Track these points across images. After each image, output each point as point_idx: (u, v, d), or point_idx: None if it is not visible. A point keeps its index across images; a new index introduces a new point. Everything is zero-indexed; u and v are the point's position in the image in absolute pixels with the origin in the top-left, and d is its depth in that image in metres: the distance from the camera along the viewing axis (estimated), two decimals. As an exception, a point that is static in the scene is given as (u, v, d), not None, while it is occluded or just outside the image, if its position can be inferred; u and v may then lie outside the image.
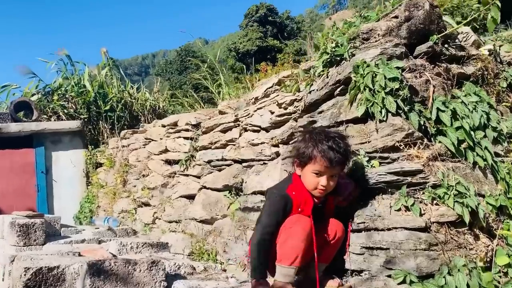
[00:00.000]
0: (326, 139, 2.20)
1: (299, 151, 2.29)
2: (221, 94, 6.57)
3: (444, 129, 2.45)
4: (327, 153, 2.17)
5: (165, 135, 5.38)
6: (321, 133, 2.25)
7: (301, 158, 2.27)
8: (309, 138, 2.25)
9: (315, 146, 2.20)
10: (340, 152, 2.18)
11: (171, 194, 4.87)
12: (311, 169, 2.24)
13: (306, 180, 2.29)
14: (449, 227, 2.23)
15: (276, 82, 3.79)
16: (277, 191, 2.34)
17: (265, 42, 34.89)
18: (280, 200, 2.29)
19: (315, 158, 2.20)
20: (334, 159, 2.17)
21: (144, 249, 4.29)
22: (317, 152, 2.19)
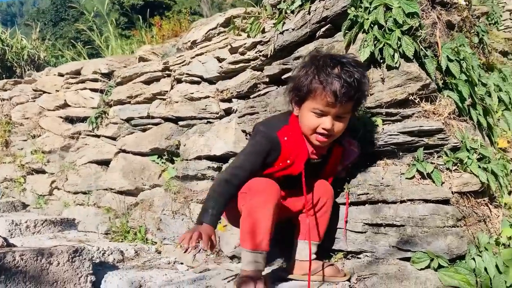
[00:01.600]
0: (332, 64, 1.63)
1: (296, 81, 1.72)
2: (110, 48, 5.75)
3: (453, 82, 2.06)
4: (332, 83, 1.60)
5: (64, 86, 4.34)
6: (327, 56, 1.69)
7: (298, 92, 1.70)
8: (311, 64, 1.68)
9: (316, 74, 1.63)
10: (349, 83, 1.60)
11: (76, 159, 3.94)
12: (311, 106, 1.67)
13: (304, 120, 1.73)
14: (470, 198, 1.87)
15: (222, 22, 3.10)
16: (265, 130, 1.78)
17: (152, -4, 32.70)
18: (266, 143, 1.75)
19: (315, 91, 1.63)
20: (341, 91, 1.59)
21: (44, 228, 3.40)
22: (317, 82, 1.62)
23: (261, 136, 1.77)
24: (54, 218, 3.47)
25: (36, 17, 35.20)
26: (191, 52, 3.20)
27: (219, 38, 3.06)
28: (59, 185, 4.05)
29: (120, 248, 2.68)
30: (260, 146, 1.75)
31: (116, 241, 3.09)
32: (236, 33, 2.96)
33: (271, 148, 1.75)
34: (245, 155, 1.78)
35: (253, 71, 2.68)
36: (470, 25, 2.87)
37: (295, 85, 1.72)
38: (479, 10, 3.18)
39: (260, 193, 1.67)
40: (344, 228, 1.95)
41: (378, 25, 1.92)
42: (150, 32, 6.65)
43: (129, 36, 12.59)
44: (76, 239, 3.08)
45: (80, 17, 31.99)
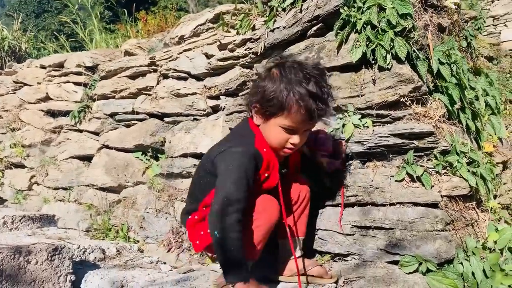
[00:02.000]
0: (305, 79, 1.54)
1: (264, 94, 1.58)
2: (94, 42, 5.61)
3: (444, 85, 2.05)
4: (308, 102, 1.52)
5: (46, 79, 4.22)
6: (297, 68, 1.57)
7: (267, 106, 1.58)
8: (280, 76, 1.56)
9: (290, 90, 1.53)
10: (324, 100, 1.56)
11: (57, 154, 3.83)
12: (281, 122, 1.58)
13: (271, 135, 1.64)
14: (458, 202, 1.87)
15: (211, 18, 3.04)
16: (243, 149, 1.60)
17: (139, -9, 32.34)
18: (250, 161, 1.59)
19: (290, 109, 1.54)
20: (316, 110, 1.53)
21: (23, 224, 3.28)
22: (292, 100, 1.52)
23: (241, 156, 1.59)
24: (33, 214, 3.36)
25: (18, 7, 34.39)
26: (179, 47, 3.14)
27: (208, 34, 3.00)
28: (39, 180, 3.93)
29: (101, 246, 2.61)
30: (247, 165, 1.58)
31: (98, 239, 3.02)
32: (225, 29, 2.91)
33: (256, 163, 1.61)
34: (236, 184, 1.53)
35: (242, 68, 2.63)
36: (459, 29, 2.88)
37: (264, 97, 1.58)
38: (468, 14, 3.19)
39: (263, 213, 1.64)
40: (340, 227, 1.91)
41: (371, 26, 1.90)
42: (136, 27, 6.56)
43: (114, 30, 12.40)
44: (56, 236, 2.99)
45: (63, 9, 31.40)
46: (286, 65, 1.61)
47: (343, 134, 1.96)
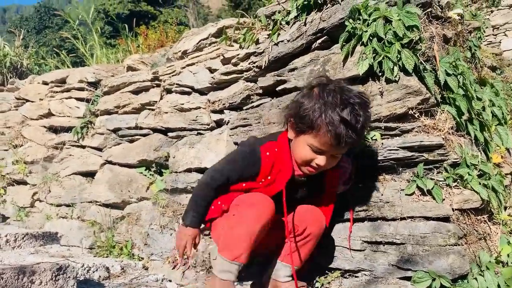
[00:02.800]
0: (342, 105, 1.51)
1: (299, 110, 1.59)
2: (95, 57, 5.64)
3: (451, 97, 2.03)
4: (338, 126, 1.50)
5: (49, 95, 4.21)
6: (337, 92, 1.55)
7: (299, 122, 1.59)
8: (318, 96, 1.56)
9: (324, 112, 1.52)
10: (356, 129, 1.53)
11: (60, 171, 3.81)
12: (309, 141, 1.59)
13: (298, 150, 1.65)
14: (470, 215, 1.83)
15: (213, 32, 3.04)
16: (252, 142, 1.78)
17: (138, 6, 32.59)
18: (248, 155, 1.72)
19: (318, 130, 1.53)
20: (345, 137, 1.52)
21: (25, 242, 3.25)
22: (323, 122, 1.51)
23: (246, 146, 1.78)
24: (35, 232, 3.33)
25: (19, 24, 34.74)
26: (182, 62, 3.13)
27: (211, 48, 3.00)
28: (41, 197, 3.90)
29: (105, 264, 2.57)
30: (243, 157, 1.73)
31: (101, 257, 2.98)
32: (228, 43, 2.90)
33: (253, 161, 1.70)
34: (227, 161, 1.78)
35: (246, 82, 2.62)
36: (463, 39, 2.87)
37: (298, 112, 1.59)
38: (471, 25, 3.18)
39: (252, 207, 1.63)
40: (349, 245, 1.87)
41: (377, 38, 1.88)
42: (136, 42, 6.59)
43: (115, 45, 12.48)
44: (59, 255, 2.95)
45: (64, 25, 31.68)
46: (328, 86, 1.59)
47: (351, 148, 1.93)
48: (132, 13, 31.45)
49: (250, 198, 1.67)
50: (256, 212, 1.62)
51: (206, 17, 34.92)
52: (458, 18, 2.85)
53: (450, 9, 2.92)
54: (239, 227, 1.62)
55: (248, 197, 1.69)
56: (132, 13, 31.25)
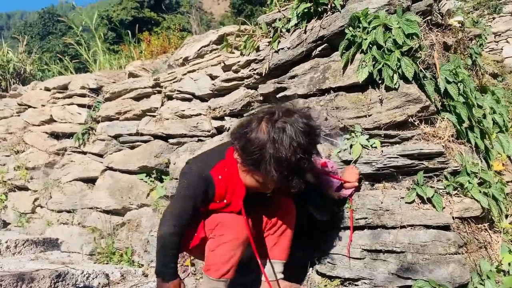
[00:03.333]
0: (290, 149, 1.48)
1: (247, 145, 1.55)
2: (98, 63, 5.67)
3: (452, 104, 2.03)
4: (283, 171, 1.51)
5: (51, 101, 4.23)
6: (285, 130, 1.50)
7: (247, 157, 1.57)
8: (268, 134, 1.51)
9: (272, 155, 1.49)
10: (300, 173, 1.56)
11: (61, 177, 3.81)
12: (255, 177, 1.64)
13: (245, 179, 1.69)
14: (470, 223, 1.82)
15: (214, 39, 3.05)
16: (197, 168, 1.70)
17: (141, 13, 32.81)
18: (199, 182, 1.68)
19: (265, 173, 1.54)
20: (289, 181, 1.56)
21: (26, 248, 3.25)
22: (270, 165, 1.50)
23: (193, 176, 1.68)
24: (36, 238, 3.33)
25: (24, 30, 34.98)
26: (183, 69, 3.14)
27: (212, 55, 3.00)
28: (42, 203, 3.90)
29: (105, 271, 2.56)
30: (194, 188, 1.68)
31: (101, 263, 2.97)
32: (229, 50, 2.91)
33: (206, 186, 1.68)
34: (182, 201, 1.69)
35: (246, 89, 2.62)
36: (464, 47, 2.87)
37: (246, 147, 1.56)
38: (472, 32, 3.18)
39: (231, 228, 1.70)
40: (348, 253, 1.87)
41: (377, 46, 1.88)
42: (139, 48, 6.61)
43: (117, 51, 12.54)
44: (59, 261, 2.94)
45: (67, 31, 31.86)
46: (277, 124, 1.52)
47: (350, 155, 1.93)
48: (135, 19, 31.62)
49: (227, 221, 1.72)
50: (235, 232, 1.70)
51: (208, 23, 35.06)
52: (459, 25, 2.86)
53: (450, 17, 2.93)
54: (222, 247, 1.70)
55: (224, 219, 1.72)
56: (135, 19, 31.42)
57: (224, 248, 1.69)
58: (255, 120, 1.58)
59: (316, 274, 2.03)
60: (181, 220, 1.67)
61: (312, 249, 2.08)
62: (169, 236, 1.66)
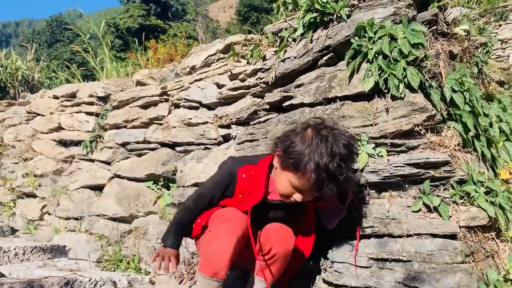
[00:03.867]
0: (331, 156, 1.54)
1: (289, 148, 1.62)
2: (105, 71, 5.73)
3: (458, 113, 2.03)
4: (320, 177, 1.55)
5: (59, 109, 4.27)
6: (329, 140, 1.57)
7: (287, 159, 1.62)
8: (310, 140, 1.58)
9: (311, 159, 1.55)
10: (338, 181, 1.58)
11: (69, 184, 3.84)
12: (291, 179, 1.64)
13: (280, 183, 1.71)
14: (477, 233, 1.82)
15: (221, 48, 3.08)
16: (231, 164, 1.86)
17: (148, 20, 33.18)
18: (226, 176, 1.83)
19: (303, 174, 1.58)
20: (325, 188, 1.58)
21: (34, 255, 3.28)
22: (309, 168, 1.55)
23: (224, 169, 1.85)
24: (44, 245, 3.36)
25: (32, 38, 35.40)
26: (190, 77, 3.17)
27: (219, 64, 3.03)
28: (50, 210, 3.94)
29: (112, 278, 2.58)
30: (221, 179, 1.83)
31: (109, 270, 2.99)
32: (235, 59, 2.94)
33: (229, 181, 1.81)
34: (208, 186, 1.85)
35: (253, 97, 2.65)
36: (470, 55, 2.88)
37: (287, 150, 1.63)
38: (478, 40, 3.19)
39: (227, 222, 1.71)
40: (354, 262, 1.88)
41: (382, 55, 1.90)
42: (146, 55, 6.68)
43: (124, 59, 12.66)
44: (67, 268, 2.97)
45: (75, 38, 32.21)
46: (321, 131, 1.60)
47: (357, 164, 1.94)
48: (142, 27, 31.93)
49: (225, 214, 1.76)
50: (231, 226, 1.68)
51: (215, 31, 35.32)
52: (465, 34, 2.87)
53: (456, 25, 2.94)
54: (215, 242, 1.67)
55: (222, 212, 1.77)
56: (142, 27, 31.73)
57: (219, 243, 1.66)
58: (300, 127, 1.67)
59: (323, 282, 2.03)
60: (200, 200, 1.83)
61: (319, 257, 2.08)
62: (184, 208, 1.86)
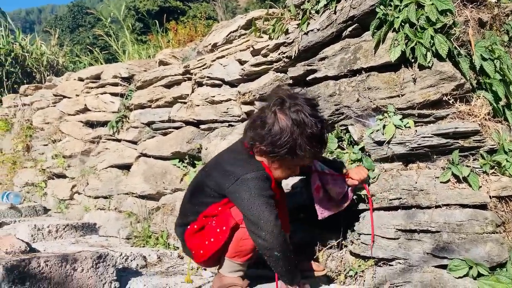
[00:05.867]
0: (310, 124, 1.61)
1: (274, 140, 1.63)
2: (127, 54, 5.77)
3: (488, 82, 1.98)
4: (315, 147, 1.65)
5: (84, 91, 4.34)
6: (300, 111, 1.62)
7: (278, 151, 1.64)
8: (286, 120, 1.62)
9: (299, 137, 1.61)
10: (326, 139, 1.73)
11: (97, 164, 3.93)
12: (289, 164, 1.73)
13: (278, 172, 1.77)
14: (508, 202, 1.79)
15: (243, 24, 3.05)
16: (257, 174, 1.71)
17: (168, 2, 33.08)
18: (265, 182, 1.72)
19: (300, 155, 1.64)
20: (320, 152, 1.74)
21: (66, 232, 3.39)
22: (303, 147, 1.62)
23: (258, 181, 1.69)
24: (75, 223, 3.46)
25: (54, 24, 35.84)
26: (212, 55, 3.16)
27: (241, 40, 3.01)
28: (79, 190, 4.05)
29: (142, 253, 2.65)
30: (266, 190, 1.70)
31: (138, 246, 3.07)
32: (257, 35, 2.91)
33: (270, 183, 1.74)
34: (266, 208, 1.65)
35: (276, 73, 2.63)
36: (500, 23, 2.77)
37: (274, 143, 1.63)
38: (508, 7, 3.06)
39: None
40: (372, 234, 1.88)
41: (409, 24, 1.85)
42: (166, 37, 6.67)
43: (146, 41, 12.70)
44: (98, 244, 3.06)
45: (96, 23, 32.48)
46: (290, 108, 1.64)
47: (383, 136, 1.92)
48: (162, 9, 31.90)
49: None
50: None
51: (234, 11, 34.99)
52: (495, 1, 2.76)
53: (485, -8, 2.83)
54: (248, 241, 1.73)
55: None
56: (161, 9, 31.70)
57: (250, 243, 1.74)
58: (269, 115, 1.66)
59: (350, 255, 2.04)
60: (278, 221, 1.65)
61: (346, 230, 2.09)
62: (286, 241, 1.69)
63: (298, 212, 2.27)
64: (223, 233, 1.74)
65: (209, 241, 1.77)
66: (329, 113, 2.18)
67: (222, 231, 1.74)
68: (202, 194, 1.84)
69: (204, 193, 1.83)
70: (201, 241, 1.80)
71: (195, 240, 1.83)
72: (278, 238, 1.64)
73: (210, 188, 1.80)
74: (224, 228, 1.74)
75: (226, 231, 1.74)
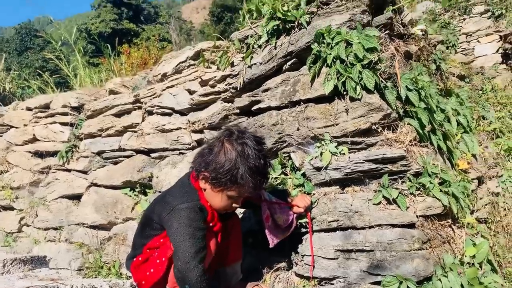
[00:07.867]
0: (254, 156, 1.74)
1: (218, 167, 1.74)
2: (78, 78, 5.72)
3: (413, 110, 2.18)
4: (257, 178, 1.75)
5: (33, 121, 4.28)
6: (245, 144, 1.75)
7: (221, 179, 1.74)
8: (231, 151, 1.74)
9: (248, 170, 1.72)
10: (266, 173, 1.84)
11: (46, 195, 3.86)
12: (230, 193, 1.80)
13: (217, 202, 1.84)
14: (433, 221, 1.97)
15: (191, 55, 3.17)
16: (189, 204, 1.79)
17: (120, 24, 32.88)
18: (197, 213, 1.79)
19: (241, 184, 1.74)
20: (262, 183, 1.83)
21: (14, 267, 3.29)
22: (245, 177, 1.72)
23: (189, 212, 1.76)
24: (24, 257, 3.37)
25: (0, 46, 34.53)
26: (162, 84, 3.25)
27: (189, 70, 3.12)
28: (28, 222, 3.95)
29: (94, 284, 2.63)
30: (195, 222, 1.76)
31: (90, 277, 3.04)
32: (206, 65, 3.03)
33: (204, 215, 1.81)
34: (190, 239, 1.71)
35: (223, 102, 2.75)
36: (427, 53, 3.04)
37: (217, 170, 1.73)
38: (435, 38, 3.37)
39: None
40: (311, 255, 2.01)
41: (340, 60, 2.03)
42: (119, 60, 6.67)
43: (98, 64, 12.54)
44: (48, 278, 3.00)
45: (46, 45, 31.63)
46: (237, 140, 1.76)
47: (321, 162, 2.06)
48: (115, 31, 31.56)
49: None
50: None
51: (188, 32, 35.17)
52: (422, 33, 3.03)
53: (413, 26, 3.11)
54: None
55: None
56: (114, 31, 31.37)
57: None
58: (216, 145, 1.78)
59: (295, 276, 2.15)
60: (199, 255, 1.72)
61: (290, 252, 2.20)
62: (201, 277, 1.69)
63: (247, 237, 2.37)
64: (162, 264, 1.81)
65: (150, 272, 1.83)
66: (273, 141, 2.31)
67: (161, 261, 1.81)
68: (149, 227, 1.91)
69: (150, 226, 1.90)
70: (144, 273, 1.86)
71: (140, 272, 1.89)
72: (193, 271, 1.67)
73: (154, 221, 1.87)
74: (164, 259, 1.81)
75: (164, 262, 1.80)
